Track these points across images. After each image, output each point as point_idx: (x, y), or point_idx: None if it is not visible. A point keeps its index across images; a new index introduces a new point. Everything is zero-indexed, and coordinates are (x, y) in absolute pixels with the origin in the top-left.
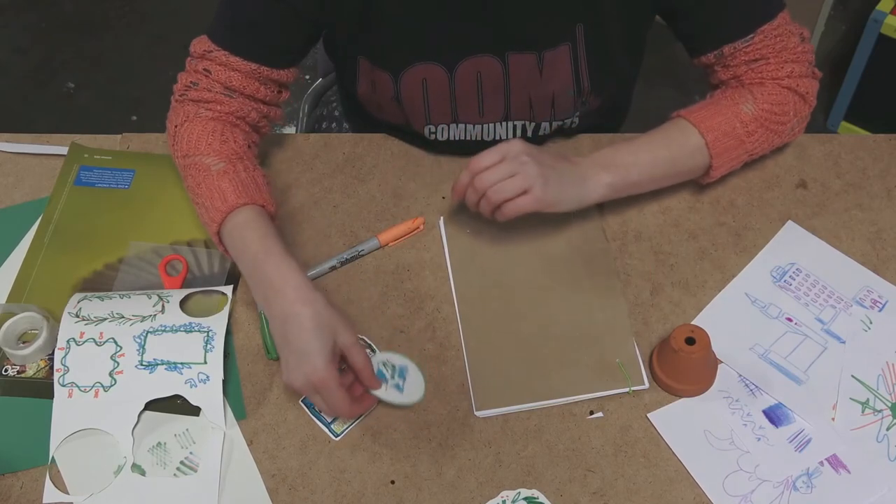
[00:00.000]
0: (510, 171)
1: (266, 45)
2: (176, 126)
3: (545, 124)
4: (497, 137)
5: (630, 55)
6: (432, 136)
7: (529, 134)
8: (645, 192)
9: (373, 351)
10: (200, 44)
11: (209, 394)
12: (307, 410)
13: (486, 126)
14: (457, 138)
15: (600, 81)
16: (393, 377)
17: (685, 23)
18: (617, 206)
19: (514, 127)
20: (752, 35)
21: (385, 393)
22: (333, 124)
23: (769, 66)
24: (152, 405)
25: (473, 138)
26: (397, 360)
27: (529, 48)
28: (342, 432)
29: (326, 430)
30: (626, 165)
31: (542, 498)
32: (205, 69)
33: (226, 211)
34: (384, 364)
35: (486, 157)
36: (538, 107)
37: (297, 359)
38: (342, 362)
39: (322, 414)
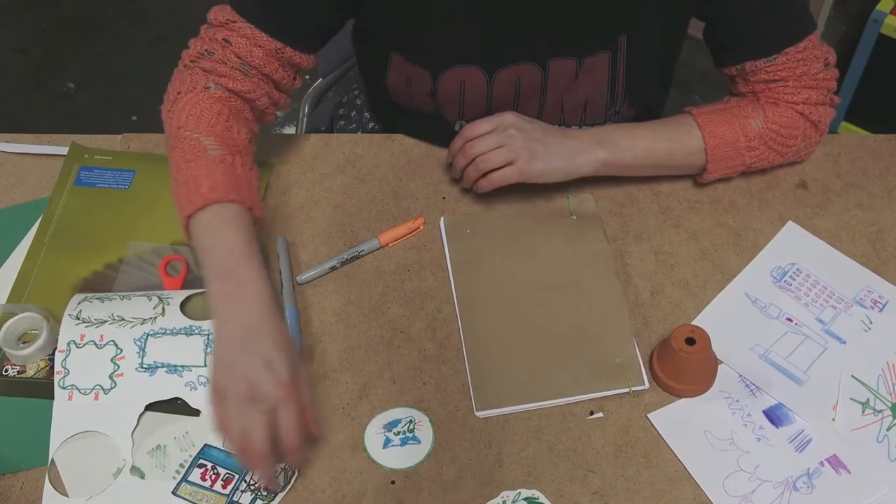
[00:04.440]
0: (498, 142)
1: (295, 24)
2: (179, 93)
3: (575, 127)
4: None
5: (665, 65)
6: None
7: None
8: (637, 175)
9: None
10: (223, 12)
11: None
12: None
13: None
14: None
15: (635, 90)
16: (399, 432)
17: (714, 33)
18: (617, 206)
19: None
20: (775, 56)
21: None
22: (353, 112)
23: (786, 89)
24: (152, 407)
25: None
26: (402, 413)
27: (570, 55)
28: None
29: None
30: (623, 147)
31: (542, 498)
32: (224, 39)
33: (212, 199)
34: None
35: (479, 126)
36: (569, 111)
37: (263, 365)
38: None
39: (244, 458)
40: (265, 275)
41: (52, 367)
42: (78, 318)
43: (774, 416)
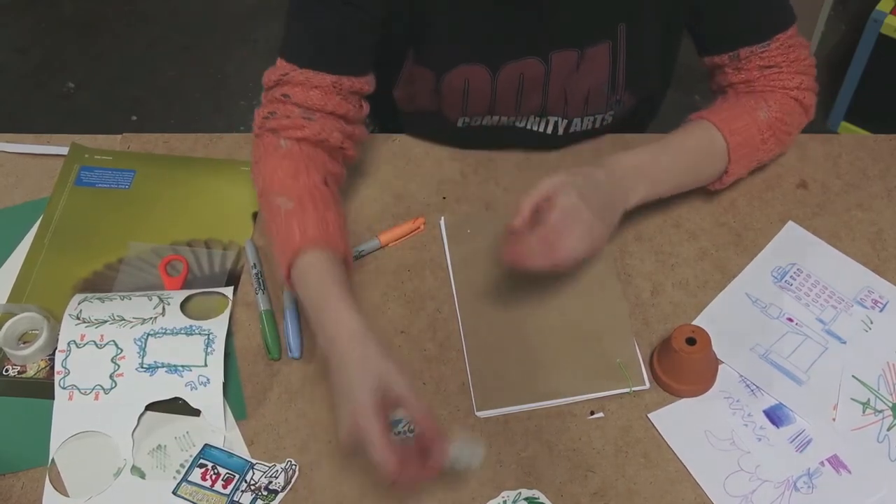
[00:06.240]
0: (579, 235)
1: (344, 53)
2: (255, 162)
3: (577, 120)
4: (529, 128)
5: (665, 56)
6: (465, 125)
7: (560, 132)
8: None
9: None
10: (273, 72)
11: (209, 397)
12: None
13: (519, 118)
14: (488, 125)
15: (636, 79)
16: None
17: (706, 21)
18: None
19: (548, 123)
20: (768, 41)
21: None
22: None
23: (781, 75)
24: (153, 407)
25: (506, 125)
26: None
27: (571, 45)
28: None
29: None
30: (659, 181)
31: (542, 498)
32: (282, 94)
33: (291, 255)
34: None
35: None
36: (572, 102)
37: (344, 400)
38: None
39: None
40: (346, 306)
41: (52, 367)
42: (78, 318)
43: (775, 416)
